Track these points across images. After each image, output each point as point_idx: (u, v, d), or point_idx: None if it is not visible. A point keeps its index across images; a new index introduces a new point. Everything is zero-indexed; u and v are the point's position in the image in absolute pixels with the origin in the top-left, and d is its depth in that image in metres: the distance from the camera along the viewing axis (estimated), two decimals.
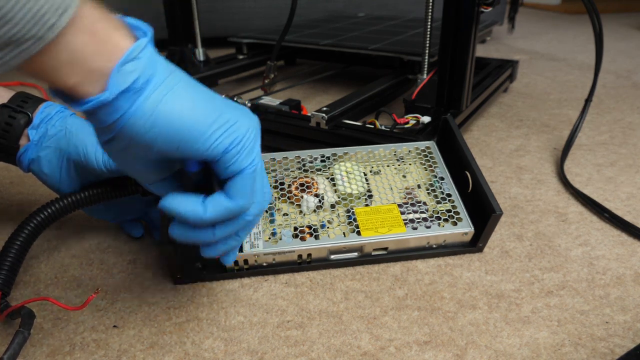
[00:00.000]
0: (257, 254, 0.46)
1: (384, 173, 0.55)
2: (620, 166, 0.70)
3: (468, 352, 0.39)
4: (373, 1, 1.56)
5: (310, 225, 0.48)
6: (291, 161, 0.55)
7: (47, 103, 0.47)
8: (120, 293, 0.46)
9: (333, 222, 0.49)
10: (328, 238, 0.47)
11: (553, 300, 0.44)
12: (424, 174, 0.55)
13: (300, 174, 0.54)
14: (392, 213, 0.49)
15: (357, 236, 0.47)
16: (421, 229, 0.48)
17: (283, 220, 0.49)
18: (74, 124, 0.46)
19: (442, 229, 0.48)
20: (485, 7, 0.66)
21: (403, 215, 0.49)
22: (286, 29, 0.89)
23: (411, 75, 0.91)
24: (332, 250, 0.48)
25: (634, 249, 0.51)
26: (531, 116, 0.91)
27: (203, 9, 1.02)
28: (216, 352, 0.39)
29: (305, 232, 0.48)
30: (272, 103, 0.75)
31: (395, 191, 0.52)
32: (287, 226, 0.48)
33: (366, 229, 0.48)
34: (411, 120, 0.69)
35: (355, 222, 0.49)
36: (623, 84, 1.12)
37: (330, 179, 0.53)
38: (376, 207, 0.50)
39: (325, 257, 0.48)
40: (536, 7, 2.53)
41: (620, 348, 0.39)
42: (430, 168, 0.55)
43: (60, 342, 0.41)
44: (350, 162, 0.55)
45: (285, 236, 0.47)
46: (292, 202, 0.51)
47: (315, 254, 0.48)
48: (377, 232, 0.48)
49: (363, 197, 0.51)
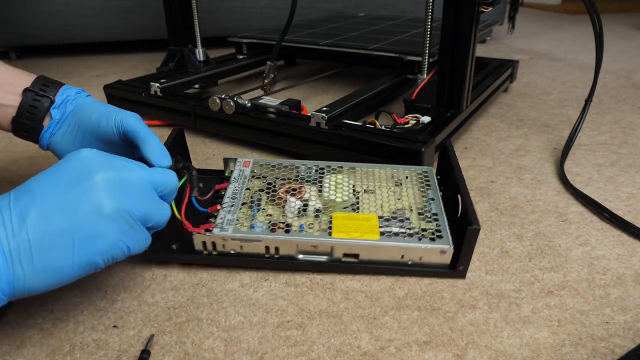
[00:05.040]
0: (225, 237, 0.46)
1: (378, 193, 0.53)
2: (620, 166, 0.70)
3: (468, 352, 0.39)
4: (373, 1, 1.57)
5: (288, 224, 0.48)
6: (286, 168, 0.56)
7: (66, 86, 0.50)
8: (120, 293, 0.46)
9: (314, 227, 0.48)
10: (297, 233, 0.46)
11: (553, 300, 0.44)
12: (419, 198, 0.52)
13: (292, 180, 0.54)
14: (369, 222, 0.48)
15: (327, 236, 0.46)
16: (395, 239, 0.46)
17: (265, 219, 0.49)
18: (88, 100, 0.50)
19: (418, 242, 0.46)
20: (485, 7, 0.66)
21: (382, 228, 0.47)
22: (286, 29, 0.89)
23: (411, 75, 0.91)
24: (301, 250, 0.47)
25: (634, 249, 0.51)
26: (531, 116, 0.91)
27: (203, 9, 1.02)
28: (216, 352, 0.39)
29: (278, 226, 0.47)
30: (272, 103, 0.75)
31: (386, 208, 0.51)
32: (266, 222, 0.48)
33: (338, 231, 0.46)
34: (411, 120, 0.69)
35: (330, 224, 0.47)
36: (623, 84, 1.12)
37: (320, 188, 0.53)
38: (355, 215, 0.49)
39: (293, 255, 0.47)
40: (536, 7, 2.53)
41: (621, 348, 0.39)
42: (424, 192, 0.53)
43: (60, 342, 0.41)
44: (342, 175, 0.54)
45: (258, 227, 0.47)
46: (277, 205, 0.50)
47: (283, 249, 0.47)
48: (349, 236, 0.46)
49: (349, 206, 0.50)
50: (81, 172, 0.36)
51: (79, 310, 0.44)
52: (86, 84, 1.19)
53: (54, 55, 1.53)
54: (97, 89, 1.13)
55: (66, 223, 0.34)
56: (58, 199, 0.34)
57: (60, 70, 1.35)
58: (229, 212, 0.49)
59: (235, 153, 0.77)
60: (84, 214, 0.34)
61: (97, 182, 0.35)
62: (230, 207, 0.50)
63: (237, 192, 0.52)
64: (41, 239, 0.33)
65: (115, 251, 0.36)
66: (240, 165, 0.57)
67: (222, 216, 0.48)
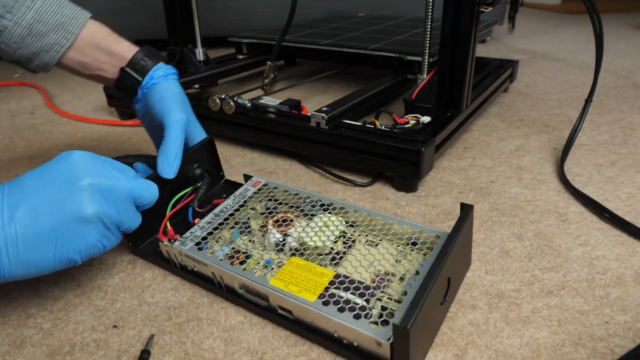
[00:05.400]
0: (181, 252, 0.45)
1: (382, 247, 0.46)
2: (620, 166, 0.70)
3: (468, 352, 0.39)
4: (373, 1, 1.57)
5: (249, 255, 0.45)
6: (295, 196, 0.52)
7: (157, 66, 0.54)
8: (120, 293, 0.46)
9: (274, 268, 0.44)
10: (241, 269, 0.43)
11: (553, 300, 0.44)
12: (417, 266, 0.43)
13: (290, 209, 0.51)
14: (320, 278, 0.41)
15: (265, 281, 0.41)
16: (330, 309, 0.37)
17: (243, 244, 0.47)
18: (164, 88, 0.53)
19: (355, 321, 0.36)
20: (485, 7, 0.66)
21: (330, 290, 0.40)
22: (286, 29, 0.89)
23: (411, 75, 0.91)
24: (241, 285, 0.43)
25: (634, 249, 0.51)
26: (531, 116, 0.91)
27: (203, 9, 1.02)
28: (216, 352, 0.39)
29: (236, 256, 0.45)
30: (272, 103, 0.75)
31: (371, 270, 0.43)
32: (236, 247, 0.46)
33: (279, 279, 0.41)
34: (411, 120, 0.69)
35: (279, 269, 0.43)
36: (623, 84, 1.12)
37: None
38: (311, 265, 0.42)
39: (236, 289, 0.43)
40: (536, 7, 2.54)
41: (621, 348, 0.39)
42: (420, 261, 0.44)
43: (60, 342, 0.41)
44: (337, 217, 0.48)
45: (220, 251, 0.45)
46: (265, 232, 0.48)
47: (227, 280, 0.44)
48: (285, 287, 0.40)
49: (325, 254, 0.44)
50: (70, 175, 0.39)
51: (79, 310, 0.44)
52: (86, 84, 1.19)
53: None
54: (97, 89, 1.13)
55: (51, 222, 0.37)
56: (46, 198, 0.38)
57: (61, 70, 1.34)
58: (201, 228, 0.48)
59: (235, 153, 0.77)
60: (68, 216, 0.38)
61: (83, 186, 0.39)
62: (206, 224, 0.48)
63: (225, 211, 0.50)
64: (27, 235, 0.37)
65: (93, 250, 0.40)
66: (249, 184, 0.54)
67: (193, 231, 0.47)
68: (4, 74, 1.30)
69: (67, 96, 1.10)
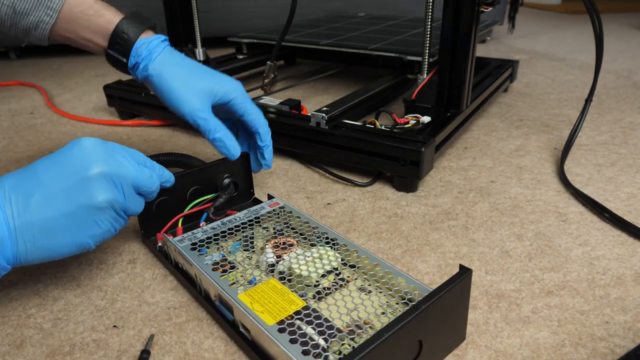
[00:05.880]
0: (175, 247, 0.46)
1: (373, 295, 0.42)
2: (620, 166, 0.70)
3: (468, 352, 0.39)
4: (373, 1, 1.57)
5: (233, 265, 0.45)
6: (301, 223, 0.50)
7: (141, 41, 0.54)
8: (120, 293, 0.46)
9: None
10: (220, 278, 0.42)
11: (553, 300, 0.44)
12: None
13: (295, 235, 0.50)
14: (289, 305, 0.38)
15: (234, 292, 0.40)
16: (282, 337, 0.35)
17: (237, 257, 0.47)
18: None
19: (301, 356, 0.33)
20: (485, 7, 0.66)
21: (292, 319, 0.37)
22: (286, 29, 0.89)
23: (411, 75, 0.91)
24: (216, 295, 0.42)
25: (634, 249, 0.51)
26: (531, 116, 0.91)
27: (203, 9, 1.02)
28: (216, 352, 0.39)
29: (221, 264, 0.45)
30: (272, 103, 0.75)
31: (353, 314, 0.39)
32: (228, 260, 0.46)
33: (248, 295, 0.40)
34: (411, 120, 0.70)
35: (254, 286, 0.41)
36: (623, 84, 1.12)
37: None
38: (286, 291, 0.40)
39: (212, 297, 0.43)
40: (536, 7, 2.54)
41: (621, 348, 0.39)
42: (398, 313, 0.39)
43: (60, 342, 0.41)
44: (334, 252, 0.45)
45: (210, 257, 0.46)
46: (262, 250, 0.47)
47: (204, 284, 0.43)
48: (250, 305, 0.38)
49: (312, 285, 0.42)
50: (82, 163, 0.40)
51: (79, 310, 0.44)
52: (86, 84, 1.19)
53: (54, 55, 1.53)
54: (97, 89, 1.13)
55: (67, 210, 0.38)
56: (60, 186, 0.39)
57: (60, 70, 1.35)
58: (203, 232, 0.48)
59: None
60: (82, 203, 0.39)
61: (95, 175, 0.39)
62: (209, 229, 0.49)
63: (232, 222, 0.50)
64: (43, 222, 0.38)
65: (106, 235, 0.42)
66: (267, 203, 0.54)
67: (194, 232, 0.48)
68: (4, 74, 1.30)
69: (67, 96, 1.10)
